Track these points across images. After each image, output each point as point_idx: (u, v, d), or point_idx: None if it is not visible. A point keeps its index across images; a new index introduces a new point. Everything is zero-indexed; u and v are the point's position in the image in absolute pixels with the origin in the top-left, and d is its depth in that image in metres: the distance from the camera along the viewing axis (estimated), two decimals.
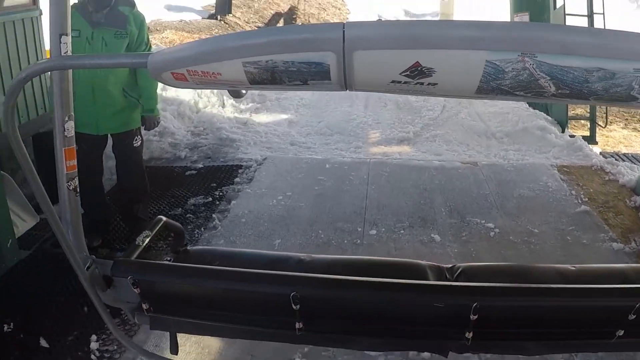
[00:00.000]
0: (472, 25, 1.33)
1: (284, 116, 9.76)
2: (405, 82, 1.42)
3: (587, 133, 10.03)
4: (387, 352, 3.54)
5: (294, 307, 2.05)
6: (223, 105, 9.83)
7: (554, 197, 6.35)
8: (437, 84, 1.42)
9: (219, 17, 22.40)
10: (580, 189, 6.54)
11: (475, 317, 1.98)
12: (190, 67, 1.51)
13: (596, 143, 9.80)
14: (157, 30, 18.97)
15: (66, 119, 2.07)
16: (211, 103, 9.61)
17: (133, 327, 3.95)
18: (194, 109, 9.32)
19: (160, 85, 9.19)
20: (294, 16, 26.45)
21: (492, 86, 1.40)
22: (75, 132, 2.15)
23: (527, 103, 10.64)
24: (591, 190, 6.57)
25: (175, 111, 8.95)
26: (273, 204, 6.06)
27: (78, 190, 2.18)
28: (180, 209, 6.04)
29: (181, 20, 21.22)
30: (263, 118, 9.58)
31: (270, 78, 1.48)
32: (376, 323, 2.24)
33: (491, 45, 1.32)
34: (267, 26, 24.09)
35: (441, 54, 1.35)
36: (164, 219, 2.57)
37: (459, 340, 2.12)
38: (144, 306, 2.27)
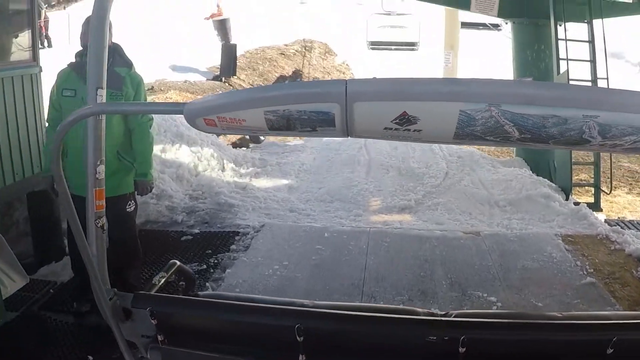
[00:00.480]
0: (449, 82, 1.65)
1: (284, 181, 9.65)
2: (395, 129, 1.65)
3: (592, 199, 9.89)
4: None
5: (298, 339, 2.18)
6: (223, 169, 9.74)
7: (559, 269, 6.16)
8: (421, 130, 1.64)
9: (223, 78, 22.55)
10: (586, 260, 6.36)
11: (464, 349, 2.09)
12: (220, 114, 1.73)
13: (601, 210, 9.65)
14: (161, 90, 19.08)
15: (98, 162, 2.35)
16: (211, 166, 9.52)
17: None
18: (193, 172, 9.22)
19: (158, 148, 9.20)
20: (298, 79, 26.65)
21: (466, 132, 1.62)
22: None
23: (531, 170, 10.59)
24: (597, 260, 6.39)
25: (174, 174, 8.85)
26: (269, 274, 5.88)
27: (105, 228, 2.36)
28: (172, 276, 5.85)
29: (185, 81, 21.35)
30: (263, 183, 9.46)
31: (285, 125, 1.70)
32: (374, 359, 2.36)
33: (464, 97, 1.56)
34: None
35: (424, 105, 1.59)
36: (178, 263, 2.77)
37: None
38: (159, 337, 2.40)
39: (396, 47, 23.88)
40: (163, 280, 2.64)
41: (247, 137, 12.89)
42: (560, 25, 11.22)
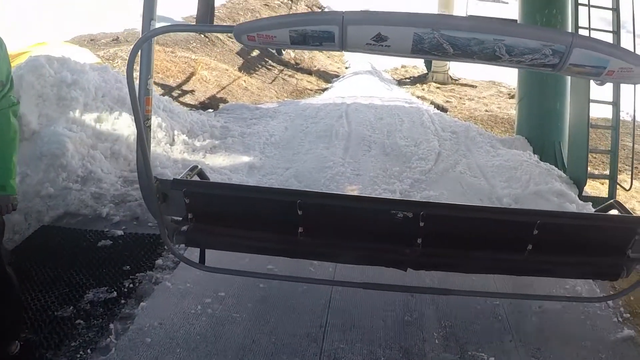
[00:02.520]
0: (407, 14, 2.47)
1: (245, 158, 8.06)
2: (373, 44, 2.50)
3: (605, 193, 8.41)
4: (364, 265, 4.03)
5: (299, 212, 3.11)
6: (172, 142, 8.14)
7: (586, 313, 4.55)
8: (390, 45, 2.50)
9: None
10: (620, 299, 4.75)
11: (423, 224, 3.07)
12: (259, 32, 2.55)
13: None
14: (127, 41, 17.27)
15: (149, 76, 3.19)
16: (156, 139, 7.90)
17: None
18: (133, 146, 7.58)
19: (92, 117, 7.56)
20: (270, 48, 24.85)
21: (418, 48, 2.50)
22: None
23: (539, 157, 9.12)
24: (632, 298, 4.79)
25: (108, 150, 7.28)
26: (196, 313, 4.21)
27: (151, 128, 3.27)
28: (71, 307, 4.30)
29: None
30: (219, 160, 7.89)
31: (302, 40, 2.51)
32: (355, 238, 3.27)
33: (417, 24, 2.44)
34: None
35: (391, 28, 2.46)
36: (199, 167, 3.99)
37: (413, 247, 3.18)
38: (189, 216, 3.28)
39: None
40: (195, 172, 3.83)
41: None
42: None
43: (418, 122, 10.36)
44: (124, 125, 7.67)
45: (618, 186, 8.16)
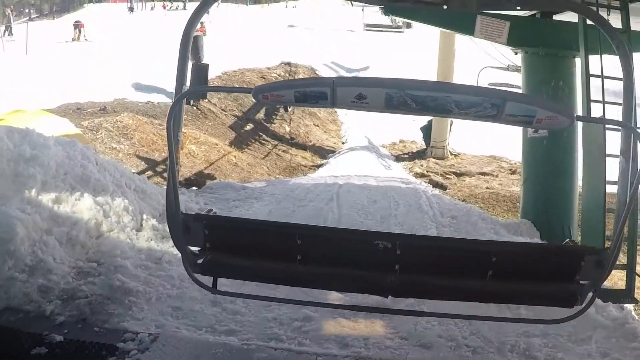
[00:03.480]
0: (380, 79, 3.02)
1: None
2: (356, 101, 2.97)
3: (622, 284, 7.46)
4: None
5: (298, 241, 3.51)
6: (139, 228, 7.28)
7: None
8: (368, 102, 2.97)
9: (192, 101, 20.19)
10: None
11: (399, 252, 3.44)
12: (271, 92, 3.05)
13: (636, 302, 7.21)
14: (114, 111, 16.69)
15: (179, 130, 3.71)
16: (121, 224, 7.05)
17: None
18: (94, 232, 6.76)
19: (49, 197, 6.75)
20: (278, 106, 24.41)
21: (389, 104, 2.98)
22: None
23: (541, 235, 8.85)
24: None
25: (64, 235, 6.40)
26: None
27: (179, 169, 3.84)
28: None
29: (148, 102, 19.08)
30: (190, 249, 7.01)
31: (303, 98, 3.01)
32: (344, 266, 3.56)
33: (387, 86, 2.95)
34: (246, 115, 22.16)
35: (369, 90, 2.97)
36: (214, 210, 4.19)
37: (392, 274, 3.45)
38: (207, 245, 3.59)
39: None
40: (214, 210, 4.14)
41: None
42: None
43: (415, 205, 9.57)
44: (84, 207, 6.85)
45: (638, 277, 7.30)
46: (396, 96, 2.95)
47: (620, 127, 3.52)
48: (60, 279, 5.82)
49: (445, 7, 4.36)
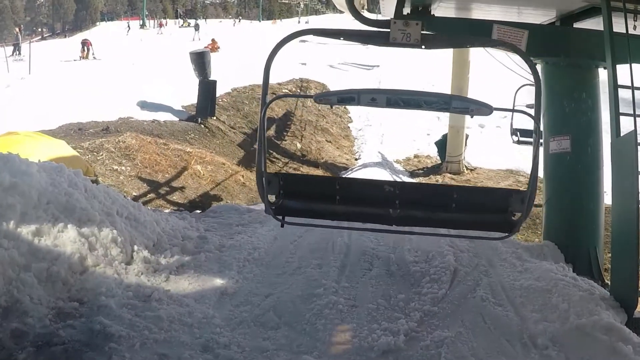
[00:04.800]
0: (383, 90, 5.83)
1: (218, 281, 6.57)
2: (370, 102, 4.67)
3: None
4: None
5: (337, 186, 5.38)
6: (129, 261, 6.69)
7: None
8: (377, 102, 4.63)
9: (199, 119, 19.69)
10: None
11: (398, 192, 5.23)
12: (325, 97, 5.09)
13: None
14: (117, 131, 16.15)
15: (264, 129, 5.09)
16: (109, 258, 6.47)
17: None
18: (78, 267, 6.19)
19: (29, 229, 6.18)
20: (289, 122, 23.95)
21: (389, 103, 4.67)
22: None
23: (572, 267, 7.90)
24: None
25: (44, 272, 5.86)
26: None
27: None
28: None
29: (154, 120, 18.55)
30: (183, 285, 6.41)
31: (341, 100, 4.78)
32: (365, 205, 5.27)
33: (387, 93, 4.74)
34: (255, 132, 21.66)
35: (378, 95, 4.72)
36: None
37: (395, 209, 5.15)
38: (281, 192, 5.18)
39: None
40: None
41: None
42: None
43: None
44: (68, 240, 6.30)
45: None
46: (392, 98, 4.70)
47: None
48: (36, 322, 5.28)
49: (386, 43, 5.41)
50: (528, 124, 8.78)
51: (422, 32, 5.15)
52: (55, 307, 5.57)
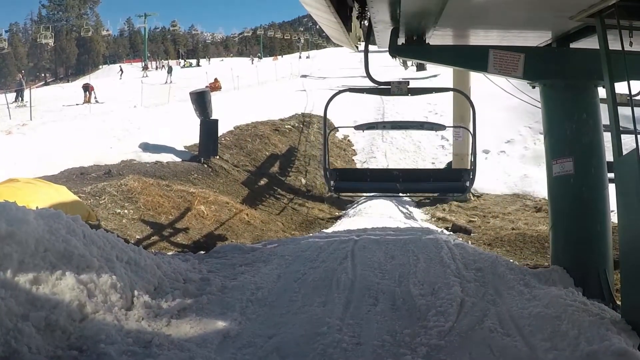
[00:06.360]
0: (384, 122, 21.44)
1: (220, 324, 6.44)
2: (377, 127, 14.67)
3: None
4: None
5: (368, 173, 12.58)
6: (130, 307, 6.58)
7: None
8: (385, 127, 15.85)
9: (202, 159, 19.68)
10: None
11: (400, 175, 10.75)
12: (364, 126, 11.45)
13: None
14: (119, 174, 16.13)
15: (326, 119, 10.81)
16: (108, 304, 6.36)
17: None
18: (77, 315, 6.06)
19: (26, 278, 6.08)
20: (293, 158, 23.94)
21: (388, 127, 16.52)
22: None
23: (582, 291, 7.70)
24: None
25: (42, 321, 5.71)
26: None
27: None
28: None
29: (156, 162, 18.55)
30: (184, 329, 6.28)
31: (367, 127, 11.31)
32: (382, 182, 10.83)
33: (387, 124, 17.12)
34: (259, 169, 21.64)
35: (384, 125, 15.53)
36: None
37: (399, 183, 10.40)
38: (337, 178, 10.23)
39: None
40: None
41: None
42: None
43: (436, 259, 8.80)
44: (66, 287, 6.18)
45: None
46: (388, 125, 14.84)
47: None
48: None
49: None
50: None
51: (408, 87, 9.80)
52: (55, 356, 5.45)
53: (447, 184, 10.71)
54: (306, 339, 5.97)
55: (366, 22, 10.71)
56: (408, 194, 16.32)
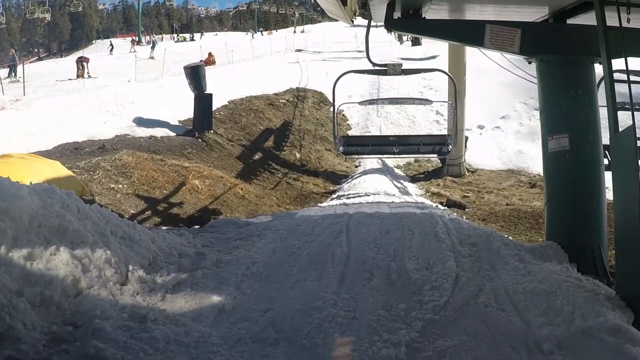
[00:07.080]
0: (384, 99, 22.90)
1: (215, 298, 6.44)
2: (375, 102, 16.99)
3: None
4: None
5: (370, 139, 16.30)
6: (124, 281, 6.56)
7: None
8: (383, 102, 16.77)
9: (196, 133, 19.59)
10: None
11: (397, 140, 12.88)
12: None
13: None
14: (113, 149, 16.03)
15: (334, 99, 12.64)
16: (103, 279, 6.35)
17: None
18: (72, 290, 6.04)
19: (20, 254, 6.05)
20: (287, 132, 23.83)
21: (385, 102, 17.22)
22: None
23: (577, 267, 7.75)
24: None
25: (37, 296, 5.69)
26: None
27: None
28: None
29: (150, 137, 18.45)
30: (179, 304, 6.27)
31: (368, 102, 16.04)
32: (382, 145, 12.95)
33: (386, 99, 18.81)
34: (254, 144, 21.55)
35: (382, 101, 16.70)
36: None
37: (396, 147, 12.30)
38: (345, 143, 12.53)
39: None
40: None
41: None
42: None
43: (431, 234, 8.80)
44: (60, 263, 6.16)
45: None
46: (386, 101, 16.51)
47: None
48: (30, 348, 5.14)
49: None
50: None
51: (402, 68, 10.76)
52: (49, 332, 5.43)
53: (433, 147, 12.49)
54: (301, 314, 5.97)
55: None
56: (402, 156, 17.14)
